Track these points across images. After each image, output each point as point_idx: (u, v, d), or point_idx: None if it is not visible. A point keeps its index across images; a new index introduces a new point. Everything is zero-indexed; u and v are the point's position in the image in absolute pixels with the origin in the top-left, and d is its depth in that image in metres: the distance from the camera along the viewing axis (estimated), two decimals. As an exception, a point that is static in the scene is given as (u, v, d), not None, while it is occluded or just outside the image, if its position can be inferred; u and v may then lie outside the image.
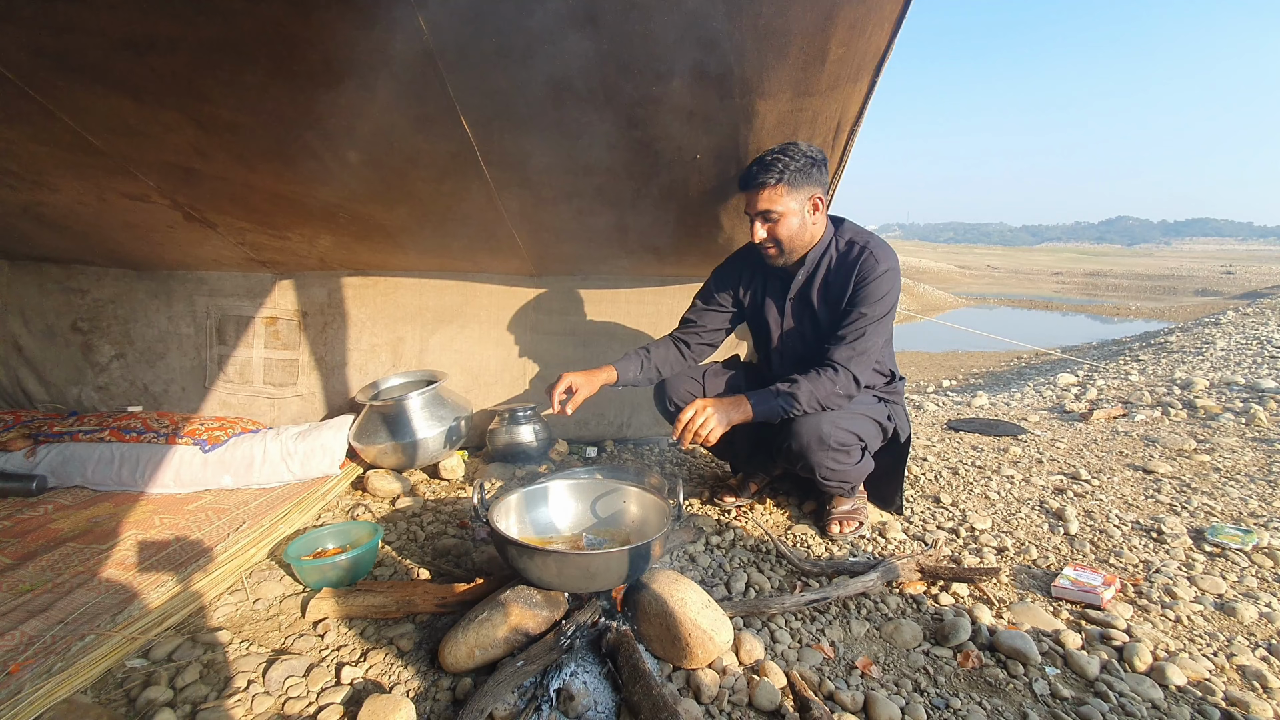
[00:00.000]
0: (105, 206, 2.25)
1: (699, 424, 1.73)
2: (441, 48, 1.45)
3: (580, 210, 2.23)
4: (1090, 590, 1.62)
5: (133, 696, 1.26)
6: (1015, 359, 8.76)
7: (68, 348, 2.88)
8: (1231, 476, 2.54)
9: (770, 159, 1.74)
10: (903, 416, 2.02)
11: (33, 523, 2.06)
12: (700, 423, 1.73)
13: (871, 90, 1.65)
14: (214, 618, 1.55)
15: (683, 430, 1.73)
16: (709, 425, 1.73)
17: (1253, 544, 1.91)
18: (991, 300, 18.90)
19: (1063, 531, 2.03)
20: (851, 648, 1.46)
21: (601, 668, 1.29)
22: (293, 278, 2.85)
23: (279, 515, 2.10)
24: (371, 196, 2.15)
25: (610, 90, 1.61)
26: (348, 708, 1.24)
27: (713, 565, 1.81)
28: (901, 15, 1.39)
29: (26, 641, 1.41)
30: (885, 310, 1.82)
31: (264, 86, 1.59)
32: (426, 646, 1.42)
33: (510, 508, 1.69)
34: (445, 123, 1.71)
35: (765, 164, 1.75)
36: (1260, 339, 6.87)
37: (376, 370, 2.87)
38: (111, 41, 1.45)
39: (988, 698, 1.30)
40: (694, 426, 1.73)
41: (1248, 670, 1.38)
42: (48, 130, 1.78)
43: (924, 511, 2.20)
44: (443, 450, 2.51)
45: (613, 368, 2.02)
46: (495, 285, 2.90)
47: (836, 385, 1.78)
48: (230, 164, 1.98)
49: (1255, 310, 10.07)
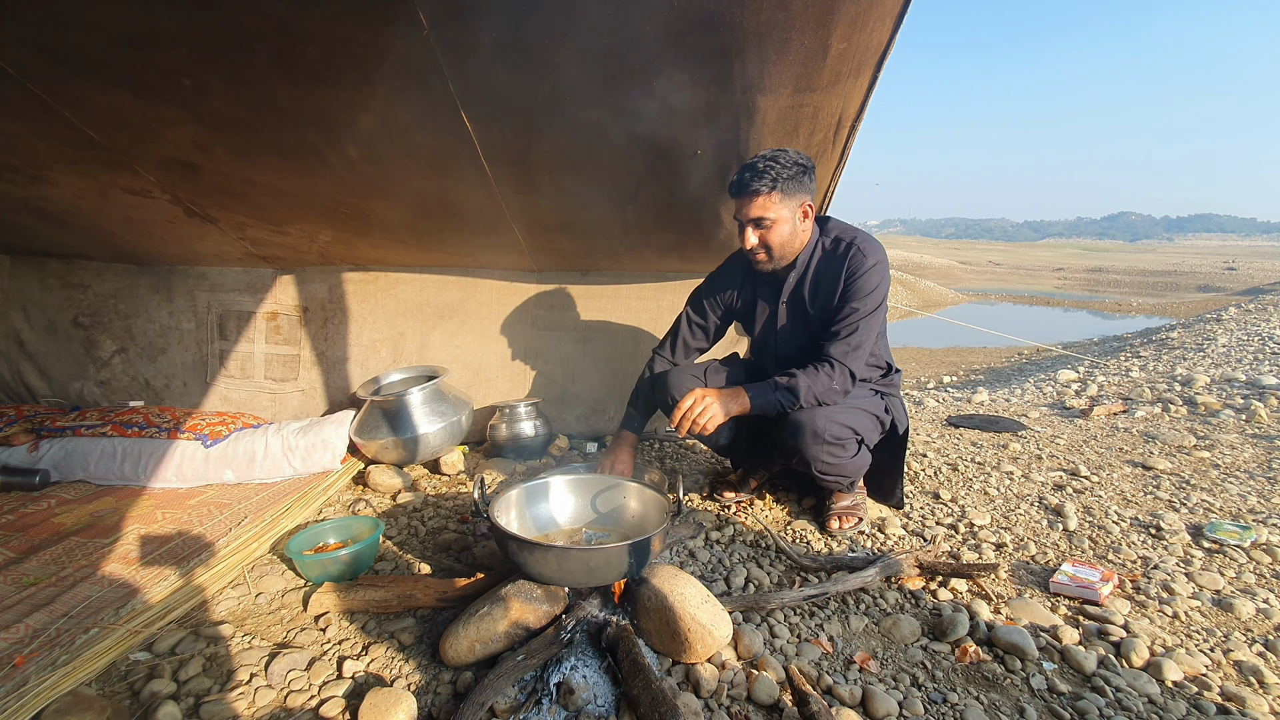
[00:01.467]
0: (106, 202, 2.25)
1: (697, 412, 1.74)
2: (442, 43, 1.45)
3: (581, 206, 2.23)
4: (1088, 586, 1.62)
5: (137, 689, 1.27)
6: (1016, 355, 8.76)
7: (69, 342, 2.89)
8: (1231, 473, 2.55)
9: (763, 166, 1.72)
10: (900, 409, 2.02)
11: (36, 517, 2.07)
12: (699, 412, 1.74)
13: (873, 86, 1.64)
14: (216, 612, 1.56)
15: (681, 418, 1.74)
16: (708, 414, 1.73)
17: (1251, 540, 1.91)
18: (993, 296, 18.88)
19: (1061, 527, 2.04)
20: (850, 643, 1.47)
21: (601, 662, 1.30)
22: (293, 273, 2.86)
23: (280, 510, 2.10)
24: (372, 192, 2.15)
25: (611, 85, 1.61)
26: (349, 701, 1.24)
27: (712, 560, 1.81)
28: (903, 10, 1.39)
29: (31, 634, 1.42)
30: (876, 304, 1.82)
31: (264, 82, 1.59)
32: (427, 640, 1.43)
33: (511, 503, 1.69)
34: (446, 118, 1.70)
35: (758, 171, 1.73)
36: (1262, 335, 6.87)
37: (377, 366, 2.88)
38: (112, 36, 1.45)
39: (985, 692, 1.30)
40: (692, 415, 1.74)
41: (1244, 665, 1.39)
42: (48, 125, 1.78)
43: (923, 507, 2.20)
44: (443, 445, 2.52)
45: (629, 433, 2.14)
46: (496, 281, 2.90)
47: (834, 381, 1.79)
48: (231, 159, 1.98)
49: (1257, 306, 10.05)
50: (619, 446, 2.12)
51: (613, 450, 2.11)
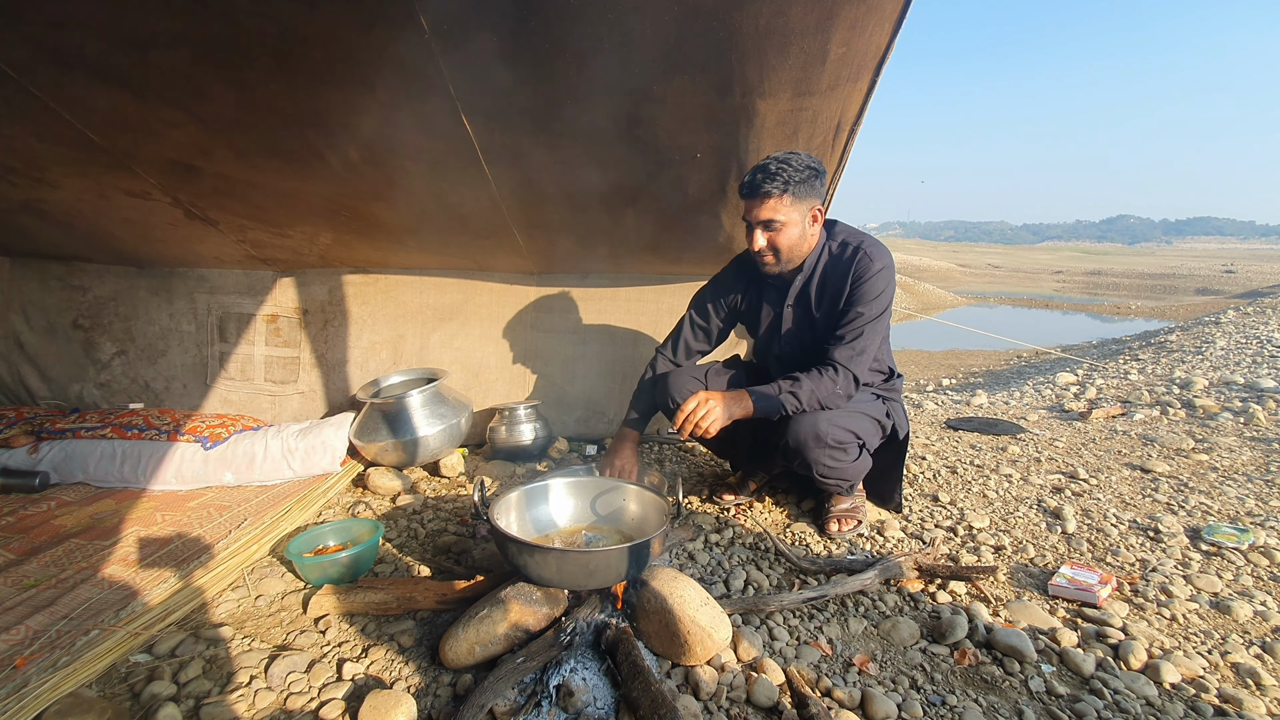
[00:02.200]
0: (106, 203, 2.25)
1: (700, 415, 1.74)
2: (442, 46, 1.46)
3: (581, 208, 2.24)
4: (1087, 589, 1.63)
5: (137, 691, 1.27)
6: (1015, 358, 8.77)
7: (69, 344, 2.89)
8: (1229, 476, 2.55)
9: (775, 168, 1.71)
10: (901, 414, 2.03)
11: (36, 519, 2.07)
12: (702, 414, 1.74)
13: (872, 90, 1.65)
14: (216, 614, 1.56)
15: (684, 420, 1.75)
16: (710, 417, 1.74)
17: (1249, 543, 1.92)
18: (992, 299, 18.90)
19: (1060, 530, 2.04)
20: (849, 645, 1.47)
21: (601, 664, 1.30)
22: (294, 275, 2.86)
23: (280, 512, 2.10)
24: (372, 194, 2.15)
25: (611, 88, 1.61)
26: (349, 703, 1.24)
27: (712, 563, 1.82)
28: (902, 15, 1.39)
29: (32, 636, 1.42)
30: (882, 309, 1.82)
31: (265, 84, 1.60)
32: (427, 643, 1.43)
33: (510, 505, 1.69)
34: (446, 120, 1.71)
35: (770, 173, 1.72)
36: (1260, 338, 6.88)
37: (377, 368, 2.88)
38: (113, 37, 1.46)
39: (984, 695, 1.31)
40: (695, 417, 1.74)
41: (1242, 668, 1.39)
42: (49, 127, 1.78)
43: (922, 510, 2.21)
44: (443, 448, 2.52)
45: (632, 431, 2.14)
46: (495, 283, 2.90)
47: (837, 385, 1.79)
48: (231, 161, 1.98)
49: (1256, 309, 10.07)
50: (622, 445, 2.12)
51: (615, 449, 2.12)
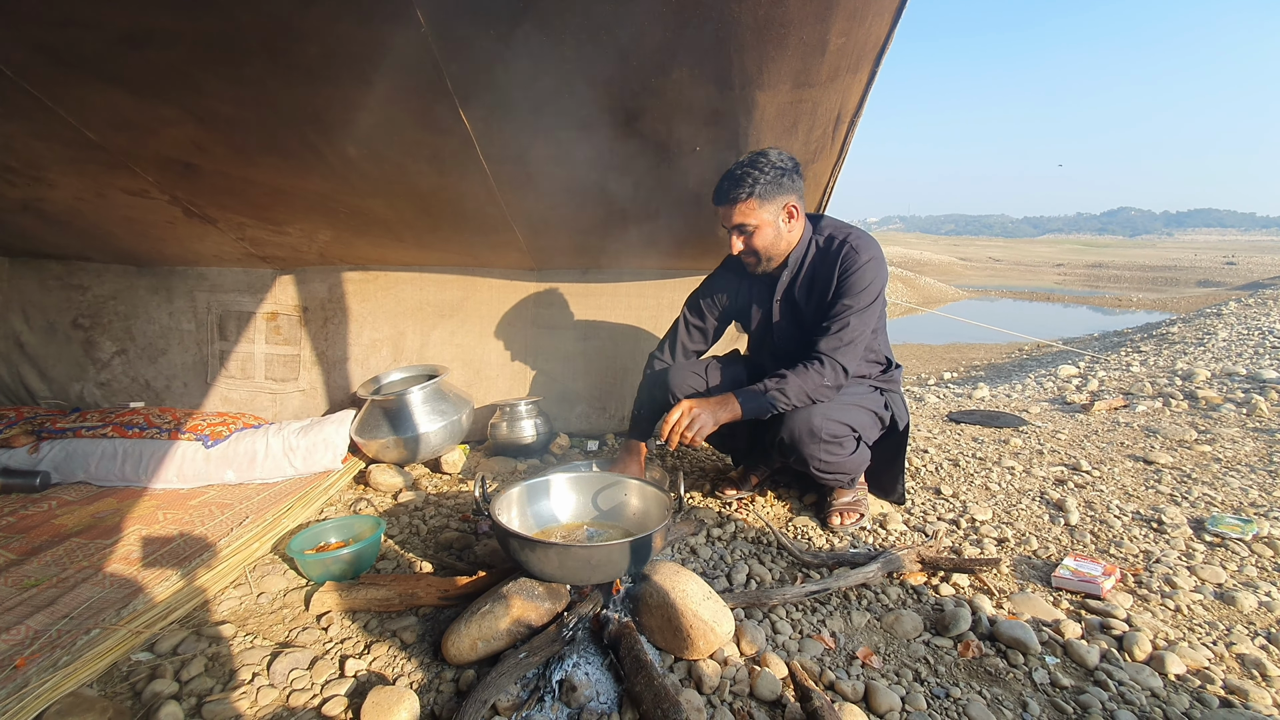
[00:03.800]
0: (104, 202, 2.24)
1: (684, 425, 1.74)
2: (440, 40, 1.45)
3: (580, 204, 2.23)
4: (1090, 580, 1.62)
5: (138, 689, 1.27)
6: (1017, 351, 8.76)
7: (69, 344, 2.89)
8: (1232, 467, 2.55)
9: (740, 173, 1.74)
10: (900, 405, 2.02)
11: (37, 518, 2.07)
12: (686, 424, 1.74)
13: (871, 81, 1.64)
14: (218, 612, 1.56)
15: (670, 431, 1.75)
16: (695, 426, 1.74)
17: (1253, 533, 1.91)
18: (993, 292, 18.88)
19: (1063, 522, 2.04)
20: (852, 638, 1.46)
21: (603, 659, 1.30)
22: (293, 273, 2.85)
23: (282, 510, 2.10)
24: (371, 190, 2.14)
25: (610, 82, 1.61)
26: (352, 700, 1.24)
27: (714, 557, 1.81)
28: (901, 4, 1.38)
29: (33, 635, 1.42)
30: (870, 299, 1.82)
31: (263, 81, 1.59)
32: (429, 639, 1.43)
33: (512, 501, 1.69)
34: (444, 116, 1.70)
35: (735, 179, 1.74)
36: (1262, 329, 6.87)
37: (378, 365, 2.88)
38: (109, 36, 1.45)
39: (988, 687, 1.30)
40: (680, 428, 1.74)
41: (1247, 658, 1.39)
42: (46, 125, 1.78)
43: (925, 503, 2.20)
44: (444, 444, 2.52)
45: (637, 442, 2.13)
46: (496, 280, 2.90)
47: (824, 378, 1.79)
48: (229, 159, 1.97)
49: (1257, 301, 10.05)
50: (627, 458, 2.10)
51: (621, 463, 2.09)
